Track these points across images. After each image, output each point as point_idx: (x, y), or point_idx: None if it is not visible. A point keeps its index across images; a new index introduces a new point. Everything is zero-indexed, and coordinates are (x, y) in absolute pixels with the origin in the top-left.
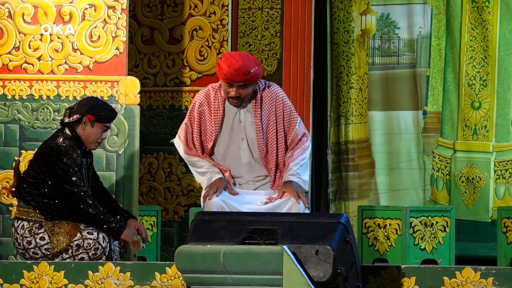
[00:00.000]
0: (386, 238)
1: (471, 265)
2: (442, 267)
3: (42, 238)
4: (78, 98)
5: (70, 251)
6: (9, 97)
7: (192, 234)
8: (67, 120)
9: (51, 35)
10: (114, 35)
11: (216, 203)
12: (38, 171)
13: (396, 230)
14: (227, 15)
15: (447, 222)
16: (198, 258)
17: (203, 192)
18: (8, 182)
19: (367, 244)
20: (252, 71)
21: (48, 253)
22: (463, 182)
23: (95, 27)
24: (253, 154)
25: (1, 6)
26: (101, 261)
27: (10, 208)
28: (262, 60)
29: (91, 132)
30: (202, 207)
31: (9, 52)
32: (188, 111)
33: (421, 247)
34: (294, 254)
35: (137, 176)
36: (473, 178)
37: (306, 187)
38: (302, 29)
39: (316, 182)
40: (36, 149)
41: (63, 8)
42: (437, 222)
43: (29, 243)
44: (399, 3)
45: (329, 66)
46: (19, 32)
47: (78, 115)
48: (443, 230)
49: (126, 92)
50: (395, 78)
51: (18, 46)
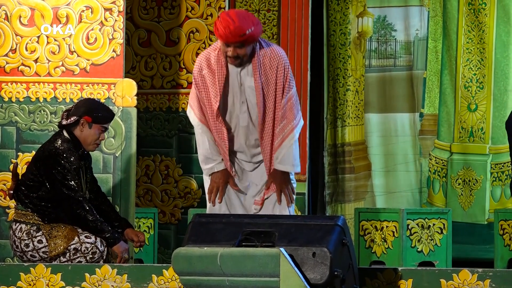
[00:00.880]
0: (383, 240)
1: (468, 267)
2: (439, 269)
3: (40, 241)
4: (75, 100)
5: (68, 254)
6: (6, 99)
7: (189, 236)
8: (64, 122)
9: (48, 37)
10: (111, 37)
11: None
12: (36, 174)
13: (393, 232)
14: None
15: (444, 224)
16: (195, 260)
17: (205, 177)
18: (5, 184)
19: (364, 246)
20: (247, 32)
21: (45, 256)
22: (459, 184)
23: (92, 29)
24: (251, 117)
25: None
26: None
27: (8, 210)
28: None
29: (89, 134)
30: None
31: (6, 55)
32: (193, 78)
33: (418, 250)
34: (291, 256)
35: (134, 178)
36: (469, 180)
37: (297, 168)
38: (298, 31)
39: (313, 184)
40: (33, 151)
41: (60, 10)
42: (434, 224)
43: (26, 246)
44: (395, 5)
45: (325, 68)
46: (16, 34)
47: (75, 117)
48: (440, 232)
49: (123, 94)
50: (391, 80)
51: (15, 48)
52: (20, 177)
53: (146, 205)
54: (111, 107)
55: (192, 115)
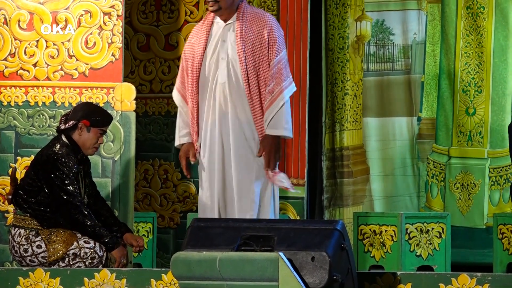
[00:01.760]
0: (381, 245)
1: (467, 271)
2: (438, 274)
3: (39, 246)
4: (74, 105)
5: (67, 259)
6: (4, 103)
7: (188, 240)
8: (63, 126)
9: (46, 41)
10: (109, 41)
11: (211, 209)
12: (35, 179)
13: (392, 237)
14: None
15: (442, 229)
16: (194, 265)
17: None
18: (4, 189)
19: (363, 250)
20: None
21: (44, 261)
22: (457, 188)
23: (91, 34)
24: (232, 75)
25: None
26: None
27: (6, 215)
28: None
29: (88, 138)
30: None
31: (4, 59)
32: (183, 51)
33: (416, 254)
34: (290, 260)
35: (133, 183)
36: (467, 185)
37: (289, 133)
38: (297, 35)
39: (311, 188)
40: (32, 156)
41: (58, 14)
42: (432, 229)
43: (25, 251)
44: (394, 9)
45: (324, 72)
46: (15, 39)
47: (73, 121)
48: (438, 236)
49: (122, 98)
50: (390, 84)
51: (14, 53)
52: (19, 181)
53: (145, 209)
54: (110, 111)
55: (174, 90)
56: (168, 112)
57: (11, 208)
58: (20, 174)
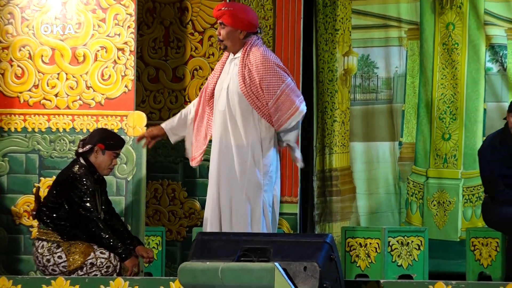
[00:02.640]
0: (366, 256)
1: (443, 279)
2: (417, 282)
3: (60, 257)
4: (91, 131)
5: (85, 268)
6: (29, 129)
7: (193, 252)
8: (81, 150)
9: (66, 74)
10: (123, 74)
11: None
12: (56, 196)
13: (376, 249)
14: None
15: (421, 242)
16: (198, 274)
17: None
18: (28, 206)
19: (350, 261)
20: (223, 8)
21: (65, 270)
22: (434, 205)
23: (106, 67)
24: (231, 105)
25: (22, 48)
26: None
27: (31, 229)
28: None
29: (103, 160)
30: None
31: (29, 90)
32: None
33: (398, 264)
34: (284, 270)
35: (144, 200)
36: (443, 202)
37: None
38: (291, 68)
39: (303, 205)
40: (54, 176)
41: (77, 50)
42: (412, 242)
43: (48, 261)
44: (377, 45)
45: (315, 101)
46: (38, 72)
47: (90, 145)
48: (417, 248)
49: (134, 125)
50: (374, 112)
51: (37, 84)
52: (42, 199)
53: (154, 224)
54: (123, 137)
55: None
56: None
57: (35, 223)
58: (43, 193)
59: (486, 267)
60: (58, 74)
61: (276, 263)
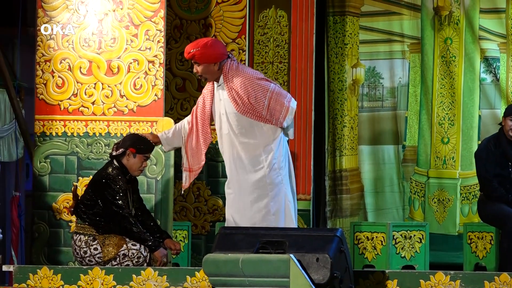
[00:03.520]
0: (373, 248)
1: (442, 270)
2: (419, 272)
3: (96, 249)
4: (124, 135)
5: (118, 259)
6: (69, 134)
7: (216, 245)
8: (114, 153)
9: (102, 84)
10: (153, 84)
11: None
12: (92, 195)
13: (382, 242)
14: None
15: (422, 235)
16: (221, 264)
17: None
18: (68, 203)
19: (358, 253)
20: (192, 51)
21: (100, 260)
22: (435, 203)
23: (138, 78)
24: (233, 126)
25: (62, 61)
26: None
27: (70, 224)
28: None
29: (134, 162)
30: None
31: (69, 98)
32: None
33: (401, 256)
34: (299, 261)
35: (171, 198)
36: (443, 200)
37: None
38: (305, 79)
39: (316, 203)
40: (91, 176)
41: (112, 62)
42: (414, 235)
43: (85, 252)
44: (383, 58)
45: (326, 108)
46: (77, 82)
47: (122, 149)
48: (419, 241)
49: (163, 130)
50: (380, 118)
51: (76, 93)
52: (79, 197)
53: (181, 219)
54: None
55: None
56: None
57: (73, 218)
58: (80, 191)
59: (482, 258)
60: (95, 84)
61: (291, 255)
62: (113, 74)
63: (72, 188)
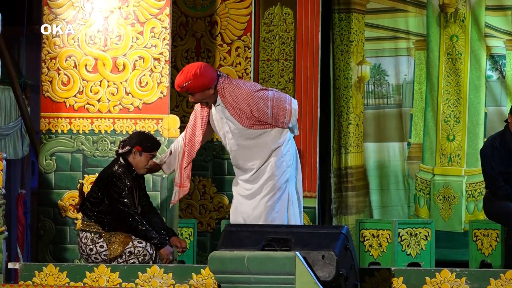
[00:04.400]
0: (379, 245)
1: (448, 267)
2: (424, 269)
3: (102, 246)
4: (130, 132)
5: (124, 256)
6: (74, 131)
7: (222, 242)
8: (120, 151)
9: (108, 81)
10: (159, 81)
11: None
12: (98, 192)
13: (387, 239)
14: (250, 65)
15: (428, 233)
16: (227, 262)
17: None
18: (73, 200)
19: (364, 250)
20: (184, 85)
21: (106, 258)
22: (440, 200)
23: (144, 75)
24: (240, 141)
25: (68, 58)
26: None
27: (75, 221)
28: None
29: (140, 160)
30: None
31: (74, 96)
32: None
33: (407, 253)
34: (304, 258)
35: None
36: (448, 197)
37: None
38: (310, 76)
39: (322, 200)
40: (97, 174)
41: (118, 60)
42: (420, 233)
43: (91, 250)
44: (388, 55)
45: (332, 106)
46: (83, 79)
47: (128, 147)
48: (425, 239)
49: (169, 127)
50: (385, 116)
51: (82, 91)
52: (85, 194)
53: (187, 216)
54: (159, 138)
55: (181, 136)
56: None
57: (79, 215)
58: (86, 189)
59: (487, 256)
60: (101, 82)
61: (297, 252)
62: (118, 71)
63: (78, 186)
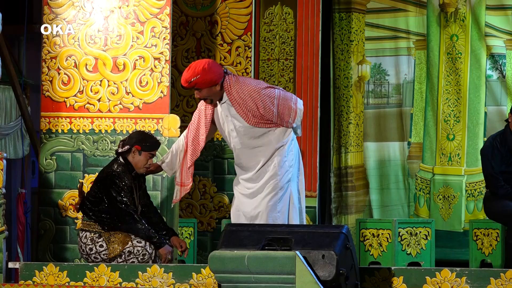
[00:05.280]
0: (379, 245)
1: (448, 267)
2: (425, 269)
3: (101, 246)
4: (130, 132)
5: (123, 256)
6: (75, 131)
7: (222, 241)
8: (120, 150)
9: (108, 81)
10: (159, 81)
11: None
12: (97, 192)
13: (387, 238)
14: (250, 65)
15: (428, 232)
16: (227, 261)
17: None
18: (74, 200)
19: (364, 249)
20: (192, 79)
21: (106, 258)
22: (440, 199)
23: (144, 75)
24: (244, 139)
25: (68, 58)
26: (148, 263)
27: (76, 220)
28: None
29: (139, 159)
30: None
31: (75, 95)
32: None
33: (407, 252)
34: (304, 258)
35: None
36: (448, 196)
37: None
38: (310, 76)
39: (321, 199)
40: (97, 173)
41: (118, 59)
42: (420, 232)
43: (91, 249)
44: (388, 55)
45: (332, 105)
46: (83, 79)
47: (128, 146)
48: (425, 238)
49: (169, 127)
50: (385, 115)
51: (82, 90)
52: (85, 194)
53: (187, 216)
54: (159, 138)
55: (183, 135)
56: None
57: (79, 215)
58: (86, 188)
59: (488, 255)
60: (101, 81)
61: (297, 252)
62: (119, 71)
63: (78, 185)
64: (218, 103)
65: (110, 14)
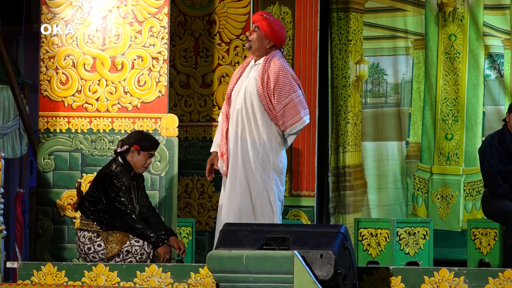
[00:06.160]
0: (377, 245)
1: (446, 266)
2: (423, 268)
3: (99, 245)
4: (129, 132)
5: (121, 255)
6: (73, 130)
7: (220, 241)
8: (119, 150)
9: (106, 80)
10: (157, 80)
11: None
12: (95, 191)
13: (385, 238)
14: None
15: (426, 232)
16: (225, 261)
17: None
18: (72, 199)
19: (362, 249)
20: (264, 15)
21: (104, 257)
22: (438, 199)
23: (142, 74)
24: (248, 104)
25: (66, 57)
26: (146, 263)
27: (74, 220)
28: None
29: (138, 159)
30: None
31: (73, 95)
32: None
33: (405, 252)
34: (303, 257)
35: (176, 194)
36: (446, 196)
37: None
38: (308, 75)
39: (319, 199)
40: (95, 173)
41: (116, 59)
42: (418, 232)
43: (89, 249)
44: (386, 54)
45: (330, 105)
46: (81, 78)
47: (127, 146)
48: (423, 238)
49: (167, 126)
50: (383, 115)
51: (80, 90)
52: (83, 193)
53: (185, 216)
54: (157, 137)
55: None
56: (204, 137)
57: (77, 214)
58: (84, 188)
59: (486, 255)
60: (99, 81)
61: (295, 251)
62: (117, 70)
63: (76, 185)
64: (252, 57)
65: (108, 13)
